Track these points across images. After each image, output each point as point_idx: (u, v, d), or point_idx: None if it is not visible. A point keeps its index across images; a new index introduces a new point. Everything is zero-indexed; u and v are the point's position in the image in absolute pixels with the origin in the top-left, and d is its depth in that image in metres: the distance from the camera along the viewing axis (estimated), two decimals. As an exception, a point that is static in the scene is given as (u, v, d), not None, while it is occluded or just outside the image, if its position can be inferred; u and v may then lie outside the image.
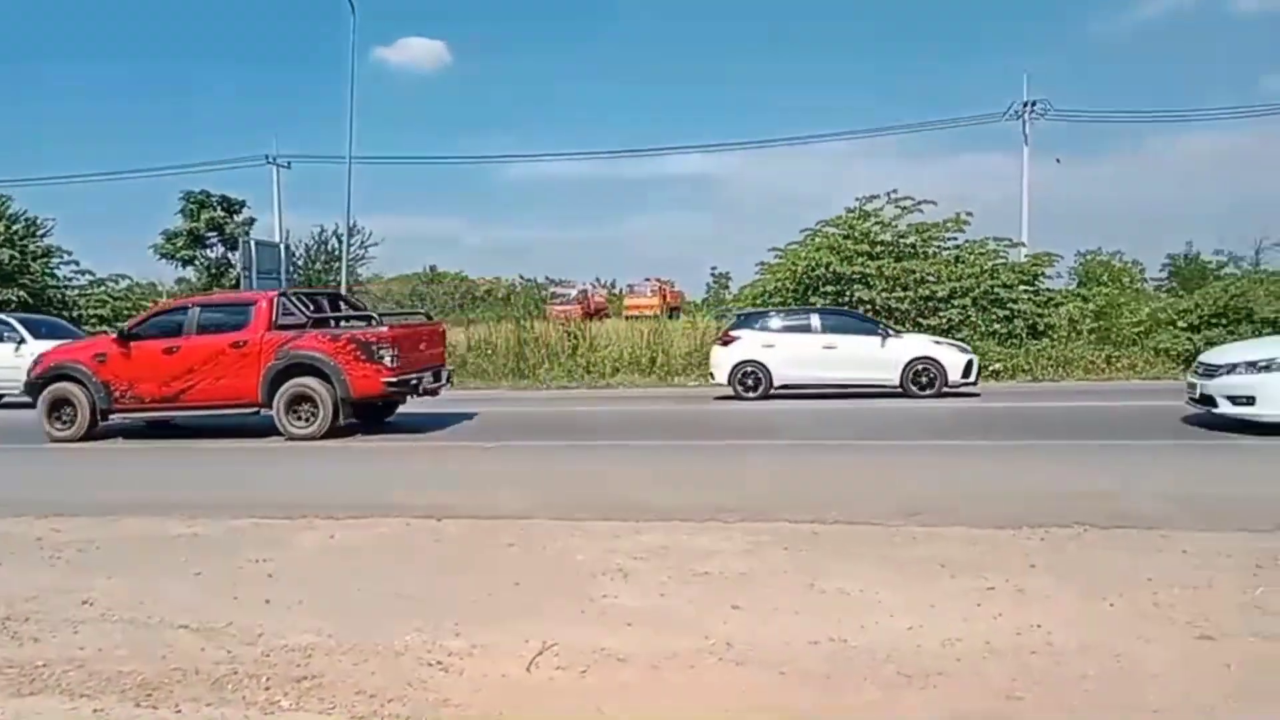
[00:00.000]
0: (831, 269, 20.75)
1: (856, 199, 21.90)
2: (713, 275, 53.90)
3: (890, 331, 15.86)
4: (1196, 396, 10.15)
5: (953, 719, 3.21)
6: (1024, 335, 19.81)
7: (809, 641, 3.93)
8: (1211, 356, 10.60)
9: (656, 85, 75.46)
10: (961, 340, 19.31)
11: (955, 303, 20.19)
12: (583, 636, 4.06)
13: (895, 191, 21.44)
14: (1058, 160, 36.55)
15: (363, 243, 41.70)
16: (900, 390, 14.81)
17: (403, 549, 5.75)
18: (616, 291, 53.39)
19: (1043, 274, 21.10)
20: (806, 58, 69.87)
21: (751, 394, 15.25)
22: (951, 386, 14.76)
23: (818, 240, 21.91)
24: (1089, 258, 38.61)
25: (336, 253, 34.22)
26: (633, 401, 16.09)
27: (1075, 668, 3.57)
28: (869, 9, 69.14)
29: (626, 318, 35.30)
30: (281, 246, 25.99)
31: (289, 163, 36.99)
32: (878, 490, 7.35)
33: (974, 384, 15.23)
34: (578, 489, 7.80)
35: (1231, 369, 9.93)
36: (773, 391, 15.14)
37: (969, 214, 21.17)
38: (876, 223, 21.44)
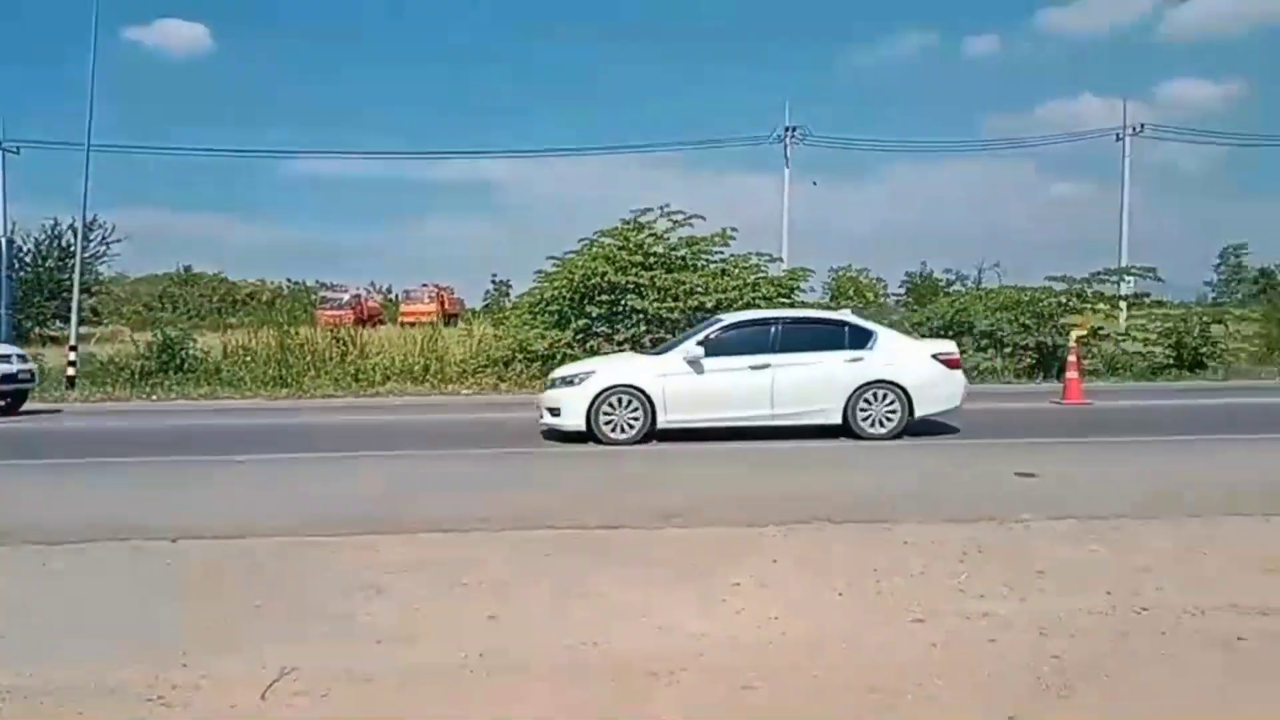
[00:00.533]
0: (607, 278, 21.16)
1: (631, 211, 22.48)
2: (493, 283, 53.52)
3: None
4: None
5: (692, 713, 3.35)
6: (782, 345, 21.10)
7: (564, 646, 3.97)
8: (556, 371, 11.65)
9: (440, 84, 74.12)
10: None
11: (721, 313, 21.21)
12: (327, 658, 3.87)
13: (668, 205, 22.20)
14: (814, 183, 39.33)
15: (104, 238, 37.88)
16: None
17: (129, 575, 5.25)
18: (393, 297, 51.79)
19: (799, 287, 22.58)
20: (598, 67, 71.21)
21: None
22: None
23: (594, 250, 22.27)
24: (840, 274, 41.69)
25: (72, 248, 30.84)
26: (400, 411, 15.63)
27: (806, 655, 3.82)
28: (659, 27, 71.62)
29: (402, 324, 34.27)
30: (2, 240, 23.11)
31: (18, 148, 33.07)
32: (640, 495, 7.56)
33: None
34: (333, 503, 7.46)
35: (552, 383, 11.05)
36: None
37: (734, 229, 22.29)
38: (650, 235, 22.09)
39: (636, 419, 10.36)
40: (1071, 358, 15.10)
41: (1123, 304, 23.16)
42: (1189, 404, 15.10)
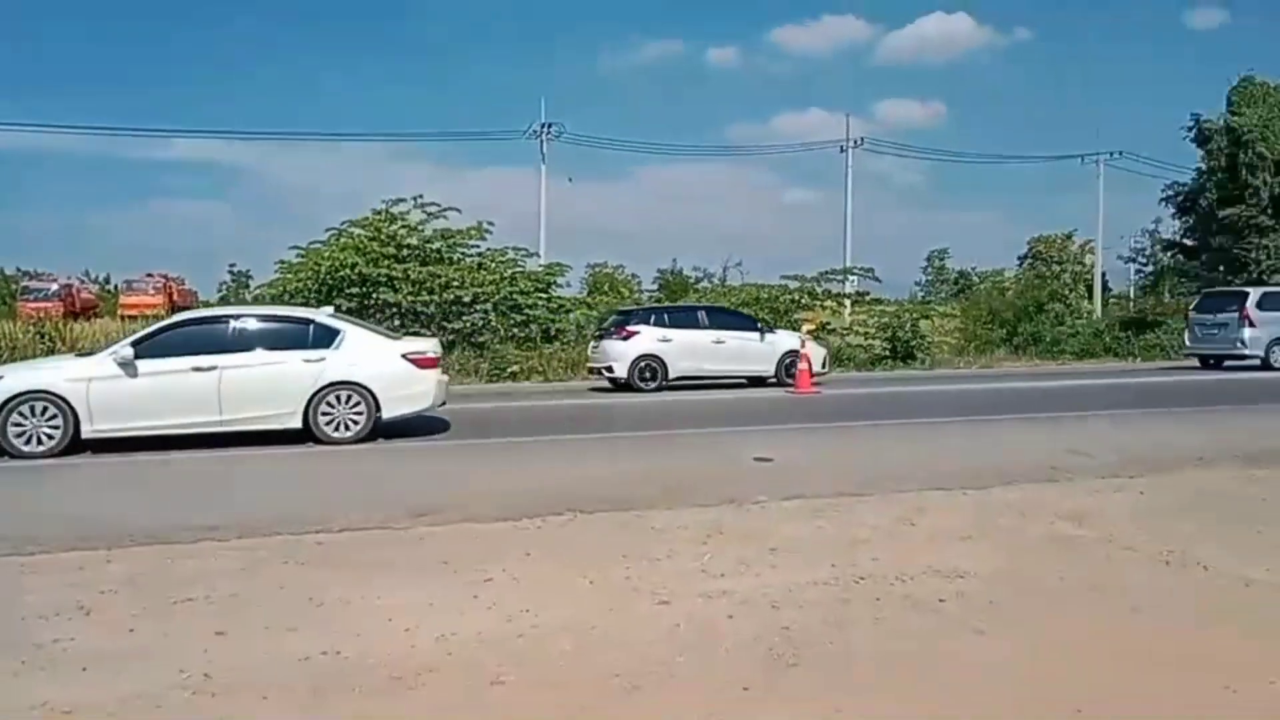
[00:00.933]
0: (357, 270, 20.31)
1: (383, 201, 21.69)
2: (231, 273, 49.56)
3: (765, 327, 17.52)
4: None
5: (438, 714, 3.27)
6: (539, 339, 21.20)
7: (300, 659, 3.73)
8: None
9: (166, 58, 67.58)
10: (483, 344, 20.06)
11: (478, 308, 20.97)
12: (20, 692, 3.41)
13: (421, 196, 21.63)
14: (570, 179, 39.80)
15: None
16: (775, 380, 16.53)
17: None
18: (111, 288, 46.76)
19: (555, 282, 22.81)
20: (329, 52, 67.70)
21: (650, 384, 16.07)
22: (815, 377, 16.12)
23: (343, 241, 21.29)
24: (596, 270, 42.40)
25: None
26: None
27: (556, 645, 3.84)
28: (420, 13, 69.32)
29: (123, 317, 31.08)
30: None
31: None
32: (382, 495, 7.30)
33: (826, 373, 17.41)
34: (29, 518, 6.60)
35: None
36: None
37: (491, 223, 22.13)
38: (403, 226, 21.43)
39: (56, 428, 9.19)
40: (802, 350, 16.31)
41: (847, 301, 25.38)
42: (902, 391, 16.80)
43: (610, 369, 16.57)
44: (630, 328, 16.81)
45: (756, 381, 16.88)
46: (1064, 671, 3.55)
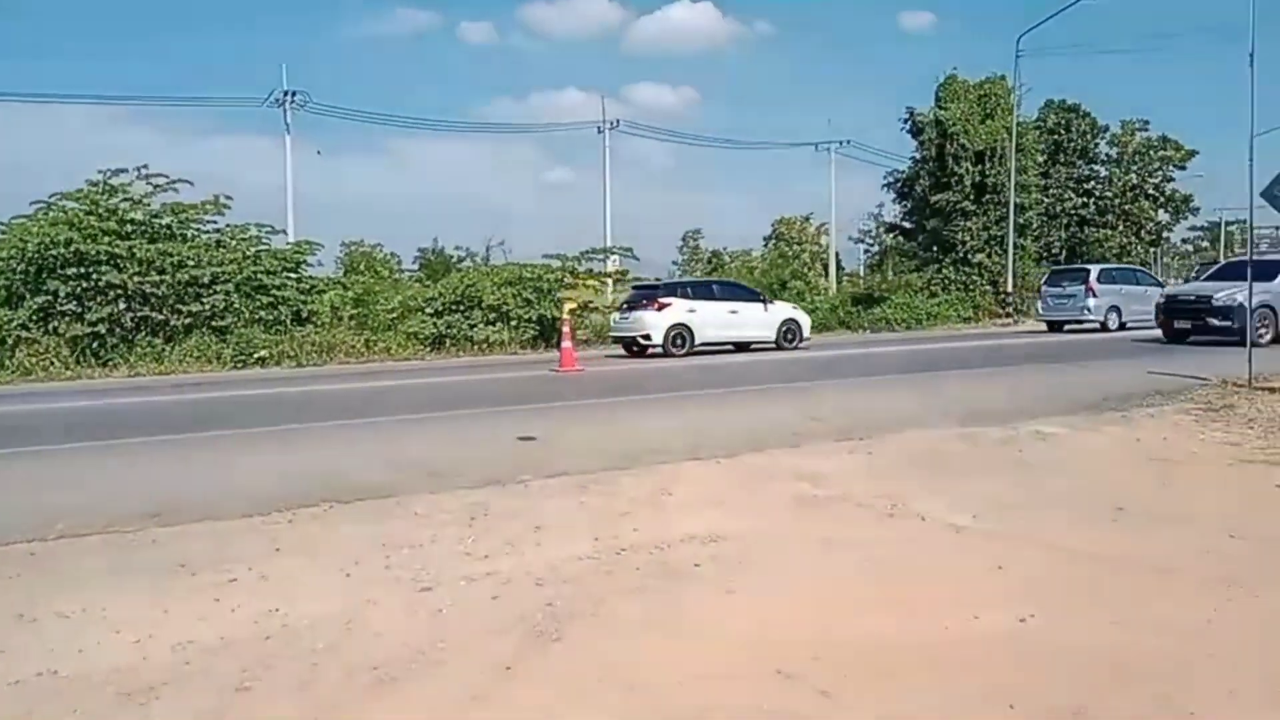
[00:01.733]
0: (74, 248, 18.17)
1: (100, 172, 19.52)
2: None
3: (767, 299, 20.95)
4: None
5: (175, 729, 3.02)
6: (289, 322, 19.99)
7: (9, 683, 3.31)
8: None
9: None
10: (225, 328, 18.68)
11: (218, 288, 19.43)
12: None
13: (146, 167, 19.68)
14: (319, 152, 37.78)
15: None
16: (775, 345, 20.11)
17: None
18: None
19: (306, 261, 21.56)
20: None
21: (680, 350, 19.04)
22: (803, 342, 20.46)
23: (53, 215, 18.97)
24: (352, 248, 40.54)
25: None
26: None
27: (307, 643, 3.65)
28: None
29: None
30: None
31: None
32: (105, 494, 6.62)
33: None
34: None
35: None
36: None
37: (229, 197, 20.55)
38: (126, 199, 19.41)
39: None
40: (565, 329, 16.50)
41: (608, 280, 25.88)
42: (662, 366, 17.41)
43: (648, 336, 19.08)
44: (662, 300, 19.35)
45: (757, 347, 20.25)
46: (803, 619, 3.84)
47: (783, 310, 20.96)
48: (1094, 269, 25.34)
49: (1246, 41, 10.64)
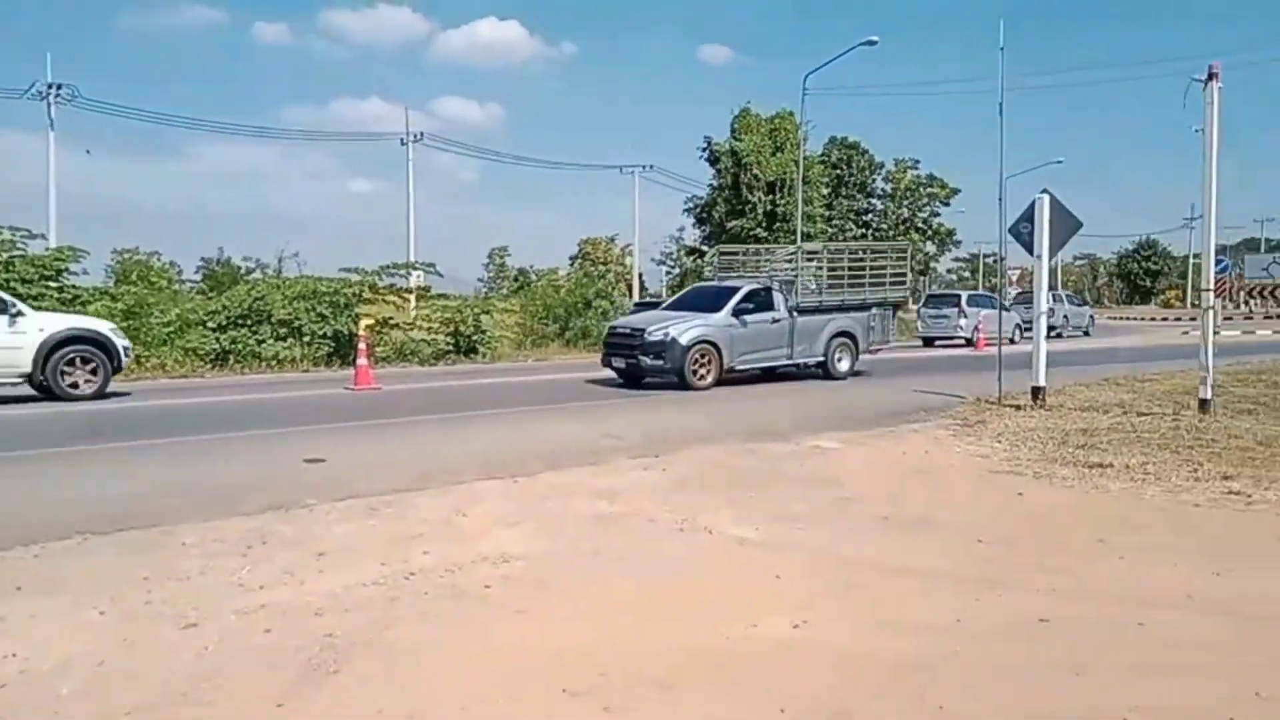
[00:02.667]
0: None
1: None
2: None
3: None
4: None
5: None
6: (47, 335, 18.07)
7: None
8: None
9: None
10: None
11: (-42, 297, 17.26)
12: None
13: None
14: (88, 151, 34.61)
15: None
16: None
17: None
18: None
19: (68, 270, 19.60)
20: None
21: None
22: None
23: None
24: (125, 256, 37.35)
25: None
26: None
27: (51, 690, 3.31)
28: None
29: None
30: None
31: None
32: None
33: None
34: None
35: None
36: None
37: (-25, 196, 18.35)
38: None
39: None
40: (361, 345, 15.90)
41: (411, 296, 25.22)
42: (467, 384, 17.12)
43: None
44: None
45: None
46: (592, 636, 3.89)
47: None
48: (964, 294, 30.46)
49: (1010, 92, 11.91)
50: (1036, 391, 11.19)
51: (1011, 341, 21.86)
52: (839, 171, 45.15)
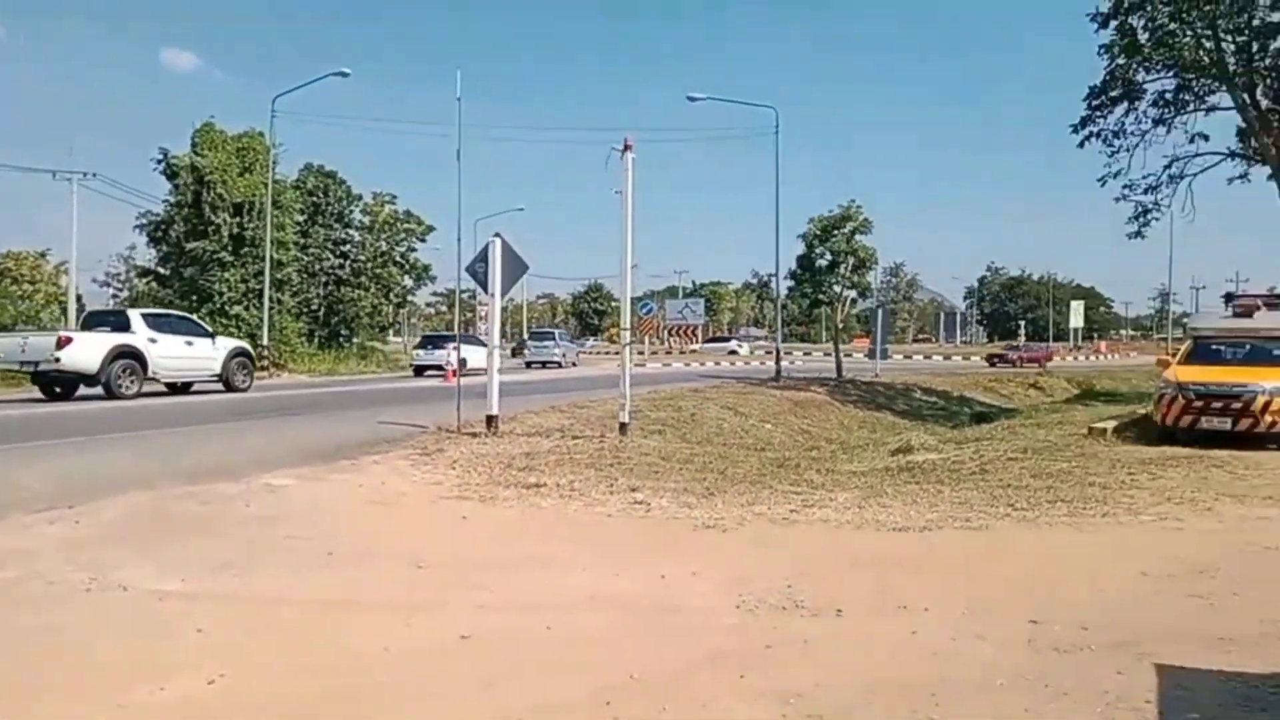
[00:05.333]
0: None
1: None
2: None
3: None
4: None
5: None
6: None
7: None
8: None
9: None
10: None
11: None
12: None
13: None
14: None
15: None
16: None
17: None
18: None
19: None
20: None
21: None
22: None
23: None
24: None
25: None
26: None
27: None
28: None
29: None
30: None
31: None
32: None
33: None
34: None
35: None
36: None
37: None
38: None
39: None
40: None
41: None
42: None
43: None
44: None
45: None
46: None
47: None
48: (556, 332, 45.14)
49: (484, 142, 12.67)
50: (490, 419, 11.97)
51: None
52: (315, 199, 43.80)
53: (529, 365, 37.61)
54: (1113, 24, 21.06)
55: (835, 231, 28.10)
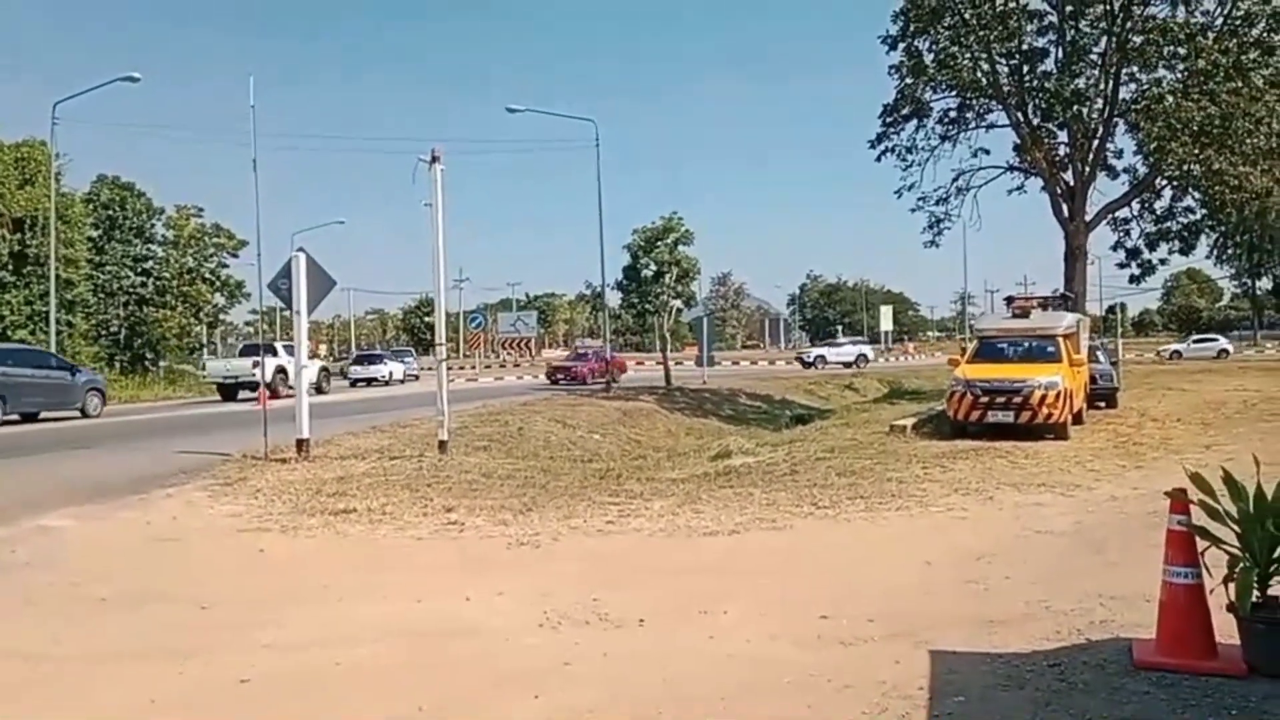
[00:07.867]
0: None
1: None
2: None
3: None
4: None
5: None
6: None
7: None
8: None
9: None
10: None
11: None
12: None
13: None
14: None
15: None
16: None
17: None
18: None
19: None
20: None
21: None
22: None
23: None
24: None
25: None
26: None
27: None
28: None
29: None
30: None
31: None
32: None
33: None
34: None
35: None
36: None
37: None
38: None
39: None
40: None
41: None
42: None
43: None
44: None
45: None
46: None
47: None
48: (383, 354, 45.17)
49: (291, 151, 12.04)
50: (301, 444, 11.40)
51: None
52: (111, 213, 40.56)
53: (354, 384, 36.96)
54: (901, 46, 22.66)
55: (659, 243, 28.56)
